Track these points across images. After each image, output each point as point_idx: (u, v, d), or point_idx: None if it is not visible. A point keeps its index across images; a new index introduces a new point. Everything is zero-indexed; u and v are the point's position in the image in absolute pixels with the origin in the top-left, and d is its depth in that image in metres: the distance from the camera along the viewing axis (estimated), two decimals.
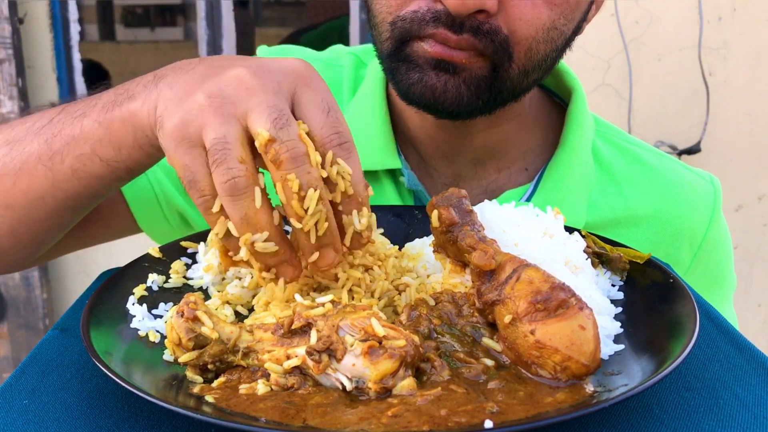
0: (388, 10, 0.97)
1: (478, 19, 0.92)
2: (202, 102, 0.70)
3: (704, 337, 0.76)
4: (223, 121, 0.69)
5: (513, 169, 1.16)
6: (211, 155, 0.68)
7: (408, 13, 0.95)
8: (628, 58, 2.83)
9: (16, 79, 2.81)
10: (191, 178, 0.70)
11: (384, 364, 0.61)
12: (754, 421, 0.61)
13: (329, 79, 1.21)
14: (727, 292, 1.27)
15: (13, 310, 3.06)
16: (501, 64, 0.96)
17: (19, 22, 2.85)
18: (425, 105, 0.99)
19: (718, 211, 1.21)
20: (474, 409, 0.57)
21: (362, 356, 0.61)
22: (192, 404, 0.59)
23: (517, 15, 0.94)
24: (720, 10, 2.83)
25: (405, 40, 0.96)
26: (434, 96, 0.97)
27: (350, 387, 0.61)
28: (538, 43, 0.97)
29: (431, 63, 0.95)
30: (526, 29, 0.95)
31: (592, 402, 0.57)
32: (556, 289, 0.63)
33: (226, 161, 0.68)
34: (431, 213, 0.77)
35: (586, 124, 1.15)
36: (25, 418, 0.62)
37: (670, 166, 1.23)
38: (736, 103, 2.92)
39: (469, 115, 1.01)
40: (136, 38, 6.45)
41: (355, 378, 0.62)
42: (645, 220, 1.15)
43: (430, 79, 0.96)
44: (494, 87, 0.98)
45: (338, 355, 0.61)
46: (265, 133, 0.67)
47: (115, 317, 0.74)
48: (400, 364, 0.61)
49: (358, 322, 0.62)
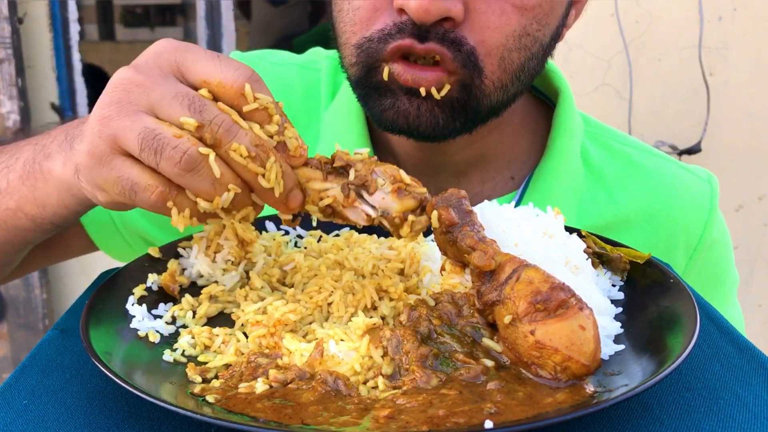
0: (352, 29, 0.94)
1: (443, 27, 0.89)
2: (100, 116, 0.69)
3: (704, 337, 0.75)
4: (133, 119, 0.68)
5: (498, 179, 1.13)
6: (146, 150, 0.67)
7: (375, 32, 0.91)
8: (628, 58, 2.82)
9: (16, 79, 2.81)
10: (130, 185, 0.69)
11: (408, 201, 0.75)
12: (754, 421, 0.61)
13: (306, 83, 1.19)
14: (728, 291, 1.24)
15: (13, 310, 3.06)
16: (472, 81, 0.92)
17: (18, 21, 2.84)
18: (400, 131, 0.96)
19: (715, 211, 1.18)
20: (471, 410, 0.57)
21: (391, 194, 0.74)
22: (192, 404, 0.59)
23: (484, 23, 0.90)
24: (720, 10, 2.83)
25: (373, 65, 0.93)
26: (408, 122, 0.93)
27: (375, 215, 0.74)
28: (510, 51, 0.92)
29: (403, 88, 0.92)
30: (495, 37, 0.90)
31: (592, 402, 0.57)
32: (555, 289, 0.63)
33: (167, 143, 0.66)
34: (431, 213, 0.77)
35: (573, 127, 1.12)
36: (25, 418, 0.62)
37: (664, 166, 1.19)
38: (736, 103, 2.91)
39: (448, 137, 0.98)
40: (136, 38, 6.44)
41: (382, 209, 0.75)
42: (636, 225, 1.12)
43: (402, 105, 0.92)
44: (469, 106, 0.94)
45: (371, 190, 0.74)
46: (193, 120, 0.67)
47: (115, 317, 0.74)
48: (420, 204, 0.75)
49: (390, 170, 0.76)
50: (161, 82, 0.69)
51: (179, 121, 0.67)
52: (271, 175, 0.71)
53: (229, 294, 0.82)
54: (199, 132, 0.68)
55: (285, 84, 1.19)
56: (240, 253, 0.85)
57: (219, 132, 0.68)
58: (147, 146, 0.67)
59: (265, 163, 0.71)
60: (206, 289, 0.81)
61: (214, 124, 0.68)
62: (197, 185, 0.69)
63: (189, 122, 0.67)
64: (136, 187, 0.69)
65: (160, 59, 0.71)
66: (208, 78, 0.70)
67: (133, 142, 0.67)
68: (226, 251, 0.85)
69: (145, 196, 0.69)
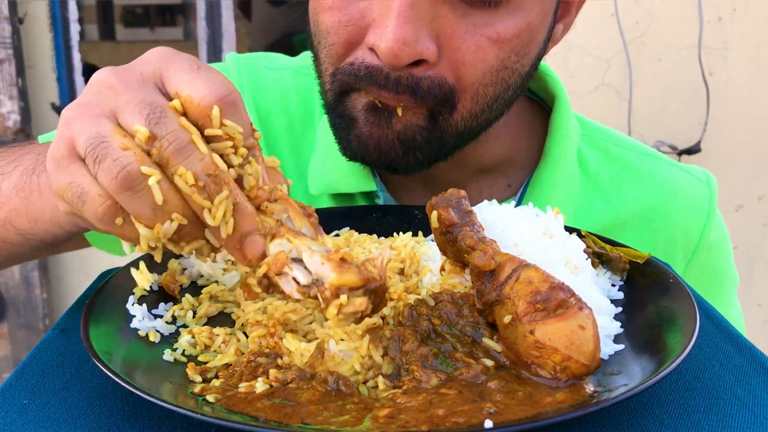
0: (330, 60, 0.92)
1: (415, 76, 0.85)
2: (65, 116, 0.63)
3: (704, 337, 0.75)
4: (91, 122, 0.61)
5: (495, 187, 1.12)
6: (88, 156, 0.60)
7: (346, 65, 0.90)
8: (628, 58, 2.83)
9: (16, 79, 2.81)
10: (80, 193, 0.61)
11: (350, 275, 0.60)
12: (754, 421, 0.62)
13: (302, 88, 1.17)
14: (728, 292, 1.23)
15: (13, 310, 3.06)
16: (440, 114, 0.89)
17: (19, 22, 2.85)
18: (363, 161, 0.94)
19: (714, 213, 1.17)
20: (470, 409, 0.57)
21: (332, 261, 0.60)
22: (192, 404, 0.59)
23: (459, 59, 0.86)
24: (720, 10, 2.83)
25: (345, 91, 0.91)
26: (368, 152, 0.91)
27: (305, 282, 0.60)
28: (485, 86, 0.89)
29: (365, 109, 0.90)
30: (471, 74, 0.87)
31: (592, 402, 0.57)
32: (555, 289, 0.63)
33: (109, 154, 0.60)
34: (431, 214, 0.77)
35: (570, 133, 1.10)
36: (25, 418, 0.62)
37: (661, 169, 1.18)
38: (736, 103, 2.92)
39: (412, 171, 0.95)
40: (136, 38, 6.45)
41: (316, 276, 0.60)
42: (634, 228, 1.12)
43: (363, 136, 0.90)
44: (434, 137, 0.91)
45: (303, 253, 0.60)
46: (144, 129, 0.60)
47: (115, 317, 0.74)
48: (365, 285, 0.60)
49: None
50: (134, 88, 0.63)
51: (133, 130, 0.61)
52: (218, 212, 0.61)
53: (229, 294, 0.82)
54: (148, 145, 0.60)
55: (283, 91, 1.17)
56: None
57: (167, 150, 0.60)
58: (90, 153, 0.60)
59: (213, 197, 0.61)
60: (206, 289, 0.81)
61: (165, 140, 0.60)
62: (135, 208, 0.61)
63: (141, 131, 0.60)
64: (85, 196, 0.62)
65: (144, 65, 0.66)
66: (180, 90, 0.63)
67: (82, 146, 0.61)
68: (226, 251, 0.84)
69: (92, 207, 0.62)
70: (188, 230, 0.63)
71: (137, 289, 0.79)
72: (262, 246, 0.64)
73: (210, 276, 0.85)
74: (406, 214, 1.00)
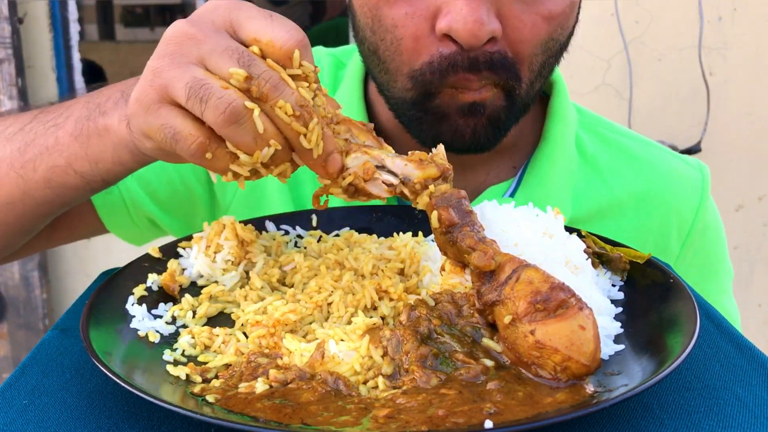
0: (400, 57, 0.96)
1: (489, 52, 0.92)
2: (153, 67, 0.71)
3: (704, 337, 0.75)
4: (184, 69, 0.69)
5: (502, 168, 1.16)
6: (192, 98, 0.68)
7: (424, 65, 0.94)
8: (628, 58, 2.82)
9: (16, 79, 2.81)
10: (173, 133, 0.70)
11: (430, 169, 0.76)
12: (754, 421, 0.61)
13: None
14: (724, 282, 1.25)
15: (13, 310, 3.06)
16: (513, 89, 0.96)
17: (18, 22, 2.84)
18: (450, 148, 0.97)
19: (707, 197, 1.20)
20: (470, 410, 0.57)
21: (412, 162, 0.76)
22: (192, 404, 0.59)
23: (518, 37, 0.93)
24: (720, 10, 2.83)
25: (429, 92, 0.96)
26: (464, 141, 0.98)
27: (396, 182, 0.76)
28: (536, 56, 0.97)
29: (462, 110, 0.95)
30: (527, 48, 0.95)
31: (592, 402, 0.57)
32: (555, 289, 0.63)
33: (213, 94, 0.67)
34: (431, 214, 0.77)
35: (568, 116, 1.15)
36: (25, 418, 0.62)
37: (656, 153, 1.22)
38: (736, 103, 2.91)
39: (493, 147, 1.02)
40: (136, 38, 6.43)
41: (403, 176, 0.76)
42: (630, 209, 1.15)
43: (459, 127, 0.97)
44: (512, 113, 0.99)
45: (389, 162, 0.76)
46: (241, 70, 0.68)
47: (115, 317, 0.74)
48: (443, 174, 0.77)
49: None
50: (213, 36, 0.70)
51: (228, 74, 0.68)
52: (313, 137, 0.72)
53: (229, 294, 0.82)
54: (247, 84, 0.68)
55: None
56: (240, 253, 0.85)
57: (266, 87, 0.69)
58: (194, 95, 0.68)
59: (308, 124, 0.71)
60: (206, 289, 0.81)
61: (262, 79, 0.69)
62: (239, 138, 0.69)
63: (238, 73, 0.68)
64: (178, 136, 0.70)
65: (214, 14, 0.72)
66: (259, 36, 0.71)
67: (181, 91, 0.68)
68: (226, 251, 0.85)
69: (185, 145, 0.70)
70: (280, 154, 0.72)
71: (137, 290, 0.79)
72: (341, 161, 0.76)
73: (210, 276, 0.85)
74: (406, 214, 0.99)
